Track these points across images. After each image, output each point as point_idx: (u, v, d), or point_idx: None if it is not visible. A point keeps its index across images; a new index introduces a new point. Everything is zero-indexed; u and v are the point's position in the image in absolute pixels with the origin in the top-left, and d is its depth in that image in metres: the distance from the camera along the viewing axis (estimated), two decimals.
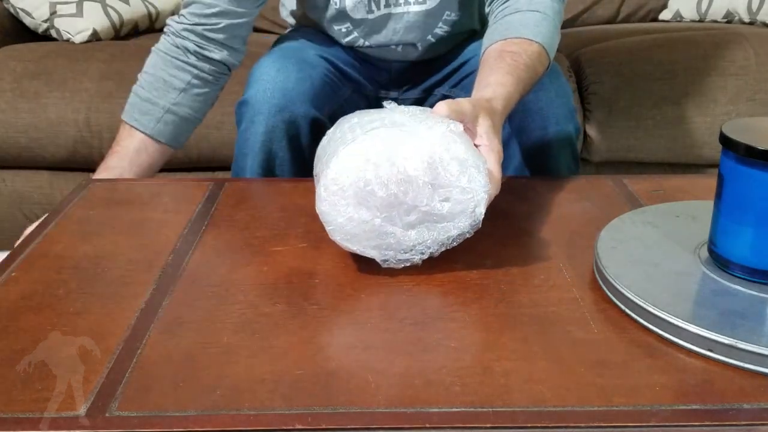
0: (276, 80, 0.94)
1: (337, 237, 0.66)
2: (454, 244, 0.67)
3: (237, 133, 0.99)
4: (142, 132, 1.01)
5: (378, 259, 0.66)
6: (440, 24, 1.05)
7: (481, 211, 0.65)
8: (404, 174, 0.63)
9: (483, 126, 0.69)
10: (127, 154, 1.00)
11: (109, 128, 1.45)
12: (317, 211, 0.66)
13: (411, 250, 0.66)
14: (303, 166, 0.99)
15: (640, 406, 0.50)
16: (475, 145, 0.67)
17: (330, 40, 1.10)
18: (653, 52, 1.55)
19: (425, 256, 0.66)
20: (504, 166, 1.00)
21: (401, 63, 1.11)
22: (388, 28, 1.04)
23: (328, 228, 0.66)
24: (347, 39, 1.07)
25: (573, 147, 1.00)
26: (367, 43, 1.07)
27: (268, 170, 0.98)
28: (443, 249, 0.67)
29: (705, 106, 1.48)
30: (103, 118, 1.45)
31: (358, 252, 0.67)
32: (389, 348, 0.57)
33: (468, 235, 0.66)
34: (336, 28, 1.06)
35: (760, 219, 0.60)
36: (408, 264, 0.67)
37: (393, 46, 1.07)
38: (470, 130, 0.68)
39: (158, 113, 1.01)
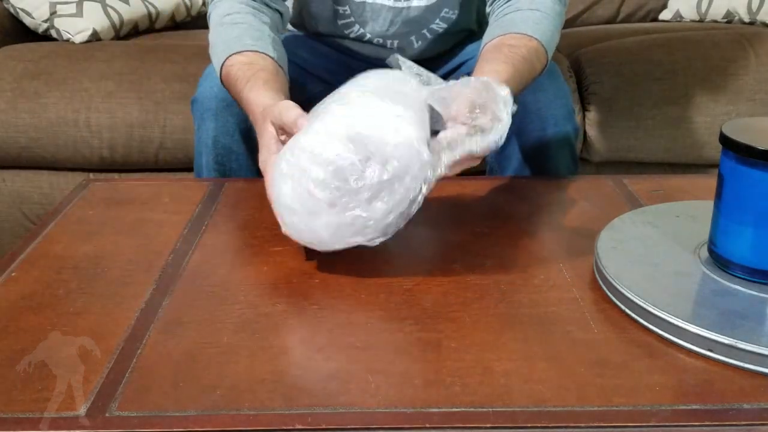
0: None
1: (324, 248, 0.66)
2: (425, 190, 0.64)
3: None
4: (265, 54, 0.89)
5: (367, 243, 0.66)
6: (437, 20, 1.05)
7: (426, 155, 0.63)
8: (332, 164, 0.62)
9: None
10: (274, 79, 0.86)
11: (109, 128, 1.45)
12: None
13: (388, 215, 0.64)
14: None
15: (640, 406, 0.50)
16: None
17: (309, 45, 1.09)
18: (653, 52, 1.55)
19: (409, 215, 0.65)
20: (503, 166, 1.01)
21: None
22: (385, 18, 1.04)
23: (314, 248, 0.67)
24: (342, 21, 1.07)
25: (572, 147, 1.00)
26: (361, 30, 1.06)
27: (225, 166, 0.97)
28: (418, 205, 0.65)
29: (705, 106, 1.48)
30: (103, 118, 1.45)
31: (350, 246, 0.66)
32: (389, 348, 0.57)
33: (426, 184, 0.64)
34: (335, 6, 1.05)
35: (760, 219, 0.60)
36: (394, 228, 0.65)
37: (389, 41, 1.07)
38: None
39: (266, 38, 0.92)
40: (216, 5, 0.96)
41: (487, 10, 0.98)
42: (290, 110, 0.70)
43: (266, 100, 0.79)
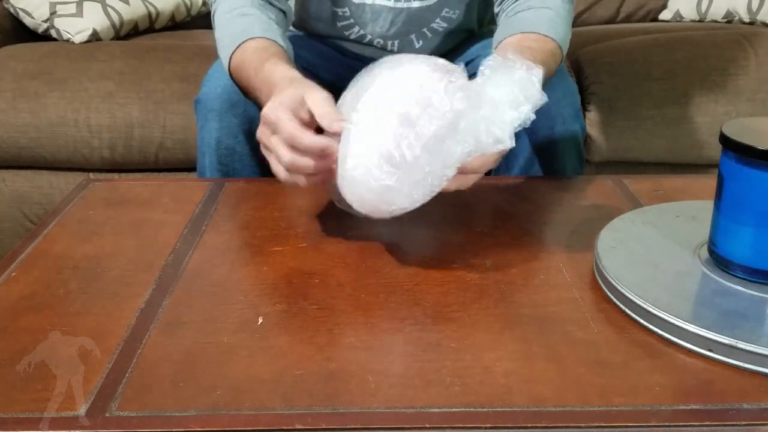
0: (227, 77, 0.93)
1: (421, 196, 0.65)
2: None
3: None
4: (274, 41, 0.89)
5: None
6: (438, 19, 1.05)
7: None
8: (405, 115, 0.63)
9: None
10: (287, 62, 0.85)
11: (109, 128, 1.45)
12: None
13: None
14: (263, 160, 0.98)
15: (640, 406, 0.50)
16: None
17: (310, 45, 1.09)
18: (653, 52, 1.55)
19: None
20: (510, 164, 1.01)
21: None
22: (385, 19, 1.04)
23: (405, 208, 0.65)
24: (342, 23, 1.07)
25: (579, 147, 1.00)
26: (362, 32, 1.06)
27: (228, 166, 0.97)
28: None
29: (705, 106, 1.48)
30: (103, 118, 1.45)
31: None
32: (389, 348, 0.57)
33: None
34: (334, 8, 1.06)
35: (760, 219, 0.60)
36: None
37: (389, 43, 1.07)
38: None
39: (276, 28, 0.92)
40: (219, 3, 0.95)
41: (496, 9, 0.98)
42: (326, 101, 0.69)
43: (294, 74, 0.77)
